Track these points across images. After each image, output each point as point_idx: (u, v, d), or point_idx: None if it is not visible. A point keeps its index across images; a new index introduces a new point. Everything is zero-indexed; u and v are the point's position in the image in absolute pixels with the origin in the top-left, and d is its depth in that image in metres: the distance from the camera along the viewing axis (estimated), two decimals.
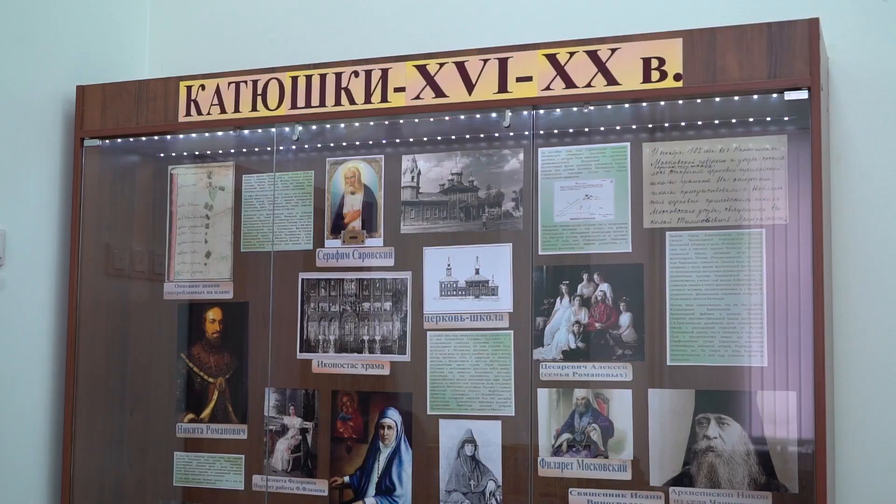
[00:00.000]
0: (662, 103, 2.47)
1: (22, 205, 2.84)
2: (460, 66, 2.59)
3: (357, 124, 2.77)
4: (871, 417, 2.43)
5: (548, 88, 2.51)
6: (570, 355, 2.53)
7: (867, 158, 2.50)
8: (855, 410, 2.44)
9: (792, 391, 2.34)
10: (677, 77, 2.39)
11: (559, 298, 2.56)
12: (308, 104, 2.74)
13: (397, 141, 2.78)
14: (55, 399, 2.92)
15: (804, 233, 2.34)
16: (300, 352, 2.83)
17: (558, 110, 2.56)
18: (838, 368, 2.46)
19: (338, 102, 2.71)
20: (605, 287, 2.52)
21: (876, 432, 2.41)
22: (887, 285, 2.46)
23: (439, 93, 2.61)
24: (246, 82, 2.81)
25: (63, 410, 2.90)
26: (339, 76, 2.71)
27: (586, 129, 2.58)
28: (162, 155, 3.05)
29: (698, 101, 2.43)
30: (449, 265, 2.68)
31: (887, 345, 2.45)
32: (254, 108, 2.80)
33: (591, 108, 2.53)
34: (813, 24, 2.27)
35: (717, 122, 2.46)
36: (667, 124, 2.50)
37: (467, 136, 2.71)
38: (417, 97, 2.63)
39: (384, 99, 2.66)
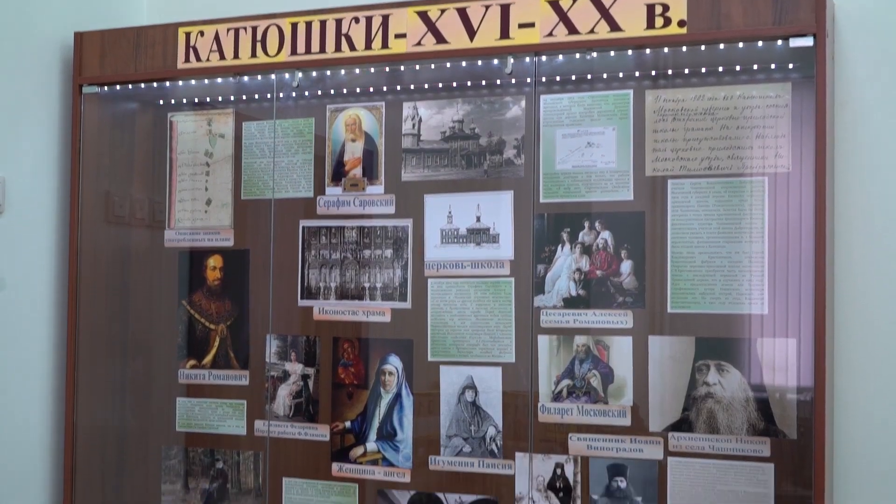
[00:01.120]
0: (666, 50, 2.46)
1: (21, 152, 2.82)
2: (462, 13, 2.57)
3: (357, 71, 2.75)
4: (869, 365, 2.44)
5: (550, 35, 2.49)
6: (570, 302, 2.54)
7: (872, 107, 2.49)
8: (854, 358, 2.45)
9: (792, 338, 2.35)
10: (681, 23, 2.37)
11: (560, 246, 2.56)
12: (308, 50, 2.73)
13: (398, 88, 2.77)
14: (57, 346, 2.93)
15: (807, 181, 2.33)
16: (301, 299, 2.83)
17: (561, 57, 2.55)
18: (838, 316, 2.46)
19: (338, 49, 2.69)
20: (606, 235, 2.52)
21: (874, 379, 2.43)
22: (889, 234, 2.46)
23: (440, 39, 2.59)
24: (245, 28, 2.79)
25: (65, 358, 2.91)
26: (339, 22, 2.69)
27: (589, 76, 2.57)
28: (161, 102, 3.03)
29: (702, 48, 2.41)
30: (450, 213, 2.68)
31: (887, 293, 2.46)
32: (253, 55, 2.79)
33: (594, 54, 2.51)
34: None
35: (720, 69, 2.45)
36: (670, 71, 2.49)
37: (469, 84, 2.70)
38: (418, 44, 2.61)
39: (385, 45, 2.64)
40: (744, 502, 2.37)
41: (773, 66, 2.40)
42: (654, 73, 2.50)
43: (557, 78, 2.58)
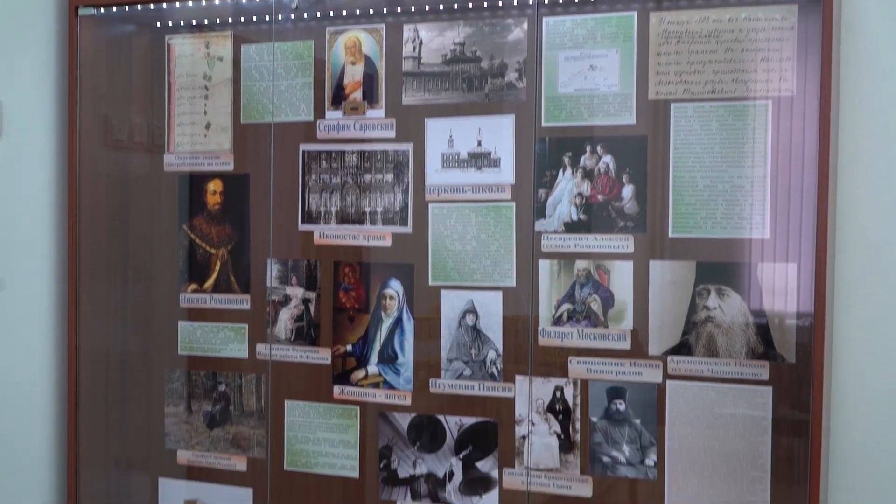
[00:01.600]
0: None
1: (18, 76, 2.80)
2: None
3: None
4: (869, 290, 2.44)
5: None
6: (571, 227, 2.54)
7: (879, 30, 2.45)
8: (854, 284, 2.45)
9: (792, 263, 2.35)
10: None
11: (561, 170, 2.55)
12: None
13: (398, 10, 2.73)
14: (58, 271, 2.94)
15: (811, 105, 2.32)
16: (301, 223, 2.83)
17: None
18: (839, 242, 2.46)
19: None
20: (607, 159, 2.51)
21: (874, 305, 2.43)
22: (894, 159, 2.45)
23: None
24: None
25: (67, 281, 2.92)
26: None
27: None
28: (158, 24, 2.99)
29: None
30: (451, 137, 2.66)
31: (889, 219, 2.45)
32: None
33: None
34: None
35: None
36: None
37: (470, 6, 2.66)
38: None
39: None
40: (742, 425, 2.40)
41: None
42: None
43: (560, 0, 2.55)
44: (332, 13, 2.79)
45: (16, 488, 2.81)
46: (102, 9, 2.92)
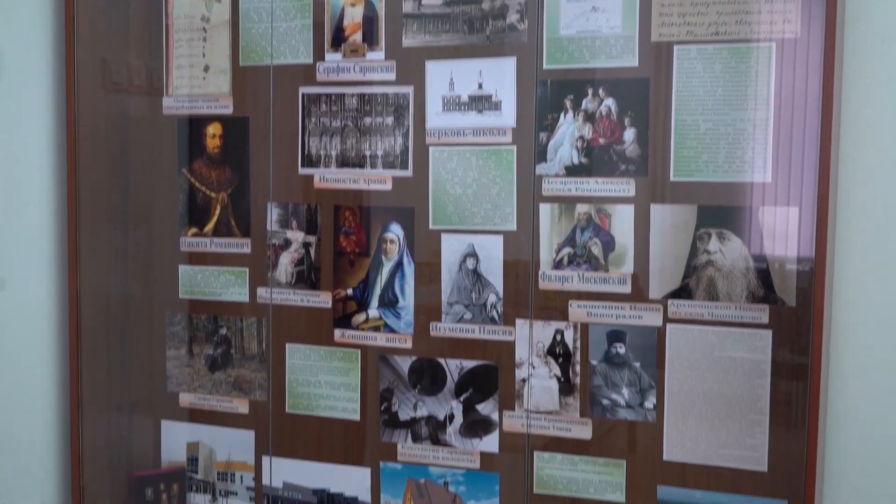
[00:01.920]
0: None
1: (14, 18, 2.77)
2: None
3: None
4: (871, 235, 2.43)
5: None
6: (572, 171, 2.53)
7: None
8: (855, 228, 2.44)
9: (793, 207, 2.34)
10: None
11: (563, 113, 2.53)
12: None
13: None
14: (58, 215, 2.93)
15: (815, 47, 2.29)
16: (301, 167, 2.82)
17: None
18: (842, 186, 2.45)
19: None
20: (609, 102, 2.49)
21: (875, 249, 2.42)
22: None
23: None
24: None
25: (66, 225, 2.91)
26: None
27: None
28: None
29: None
30: (451, 79, 2.64)
31: (893, 163, 2.44)
32: None
33: None
34: None
35: None
36: None
37: None
38: None
39: None
40: (741, 368, 2.41)
41: None
42: None
43: None
44: None
45: (17, 432, 2.84)
46: None
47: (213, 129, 2.92)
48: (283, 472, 2.93)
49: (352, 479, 2.87)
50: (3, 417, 2.79)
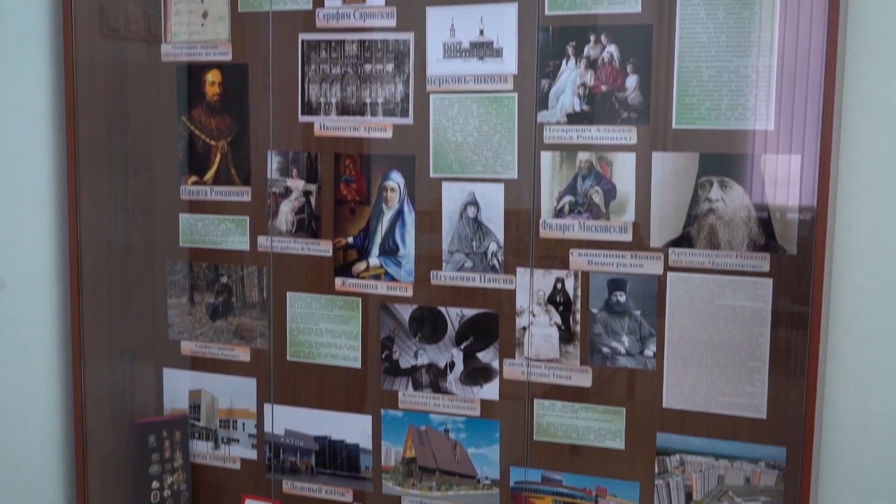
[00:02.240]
0: None
1: None
2: None
3: None
4: (873, 183, 2.42)
5: None
6: (574, 118, 2.51)
7: None
8: (858, 176, 2.43)
9: (796, 155, 2.33)
10: None
11: (565, 60, 2.51)
12: None
13: None
14: (57, 161, 2.92)
15: None
16: (302, 115, 2.80)
17: None
18: (845, 133, 2.43)
19: None
20: (612, 48, 2.47)
21: (878, 197, 2.41)
22: None
23: None
24: None
25: (66, 173, 2.90)
26: None
27: None
28: None
29: None
30: (452, 26, 2.61)
31: None
32: None
33: None
34: None
35: None
36: None
37: None
38: None
39: None
40: (741, 316, 2.41)
41: None
42: None
43: None
44: None
45: (19, 379, 2.85)
46: None
47: (213, 77, 2.90)
48: (285, 419, 2.95)
49: (353, 426, 2.89)
50: (4, 364, 2.80)
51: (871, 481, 2.42)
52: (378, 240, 2.77)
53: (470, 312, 2.70)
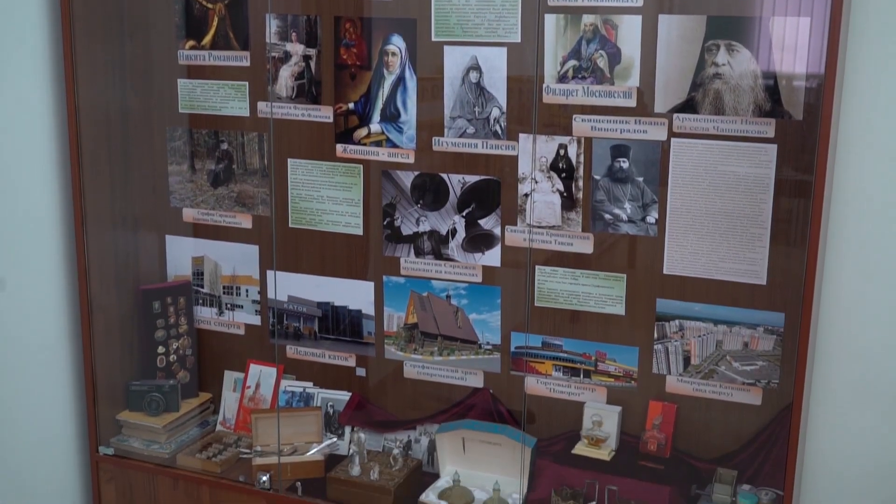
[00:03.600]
0: None
1: None
2: None
3: None
4: (883, 47, 2.36)
5: None
6: None
7: None
8: (868, 39, 2.37)
9: (804, 17, 2.28)
10: None
11: None
12: None
13: None
14: (52, 24, 2.85)
15: None
16: None
17: None
18: None
19: None
20: None
21: (886, 61, 2.37)
22: None
23: None
24: None
25: (61, 37, 2.84)
26: None
27: None
28: None
29: None
30: None
31: None
32: None
33: None
34: None
35: None
36: None
37: None
38: None
39: None
40: (744, 183, 2.40)
41: None
42: None
43: None
44: None
45: (22, 246, 2.85)
46: None
47: None
48: (288, 286, 2.97)
49: (356, 292, 2.91)
50: (4, 230, 2.80)
51: (868, 345, 2.44)
52: (379, 105, 2.74)
53: (472, 179, 2.69)
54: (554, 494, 2.58)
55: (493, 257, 2.71)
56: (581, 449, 2.66)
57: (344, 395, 2.97)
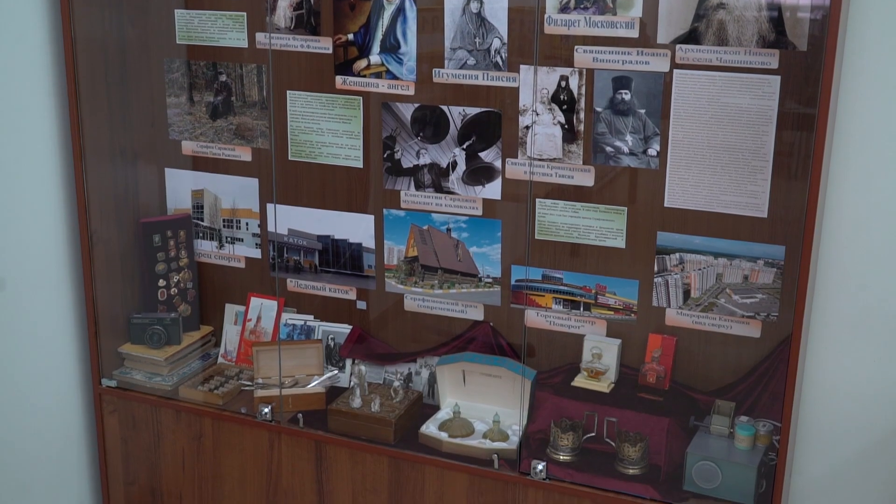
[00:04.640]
0: None
1: None
2: None
3: None
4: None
5: None
6: None
7: None
8: None
9: None
10: None
11: None
12: None
13: None
14: None
15: None
16: None
17: None
18: None
19: None
20: None
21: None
22: None
23: None
24: None
25: None
26: None
27: None
28: None
29: None
30: None
31: None
32: None
33: None
34: None
35: None
36: None
37: None
38: None
39: None
40: (747, 115, 2.38)
41: None
42: None
43: None
44: None
45: (21, 178, 2.84)
46: None
47: None
48: (288, 219, 2.96)
49: (356, 225, 2.91)
50: (4, 161, 2.79)
51: (867, 278, 2.45)
52: (379, 36, 2.71)
53: (472, 111, 2.67)
54: (553, 426, 2.60)
55: (493, 190, 2.71)
56: (580, 381, 2.68)
57: (345, 328, 2.99)
